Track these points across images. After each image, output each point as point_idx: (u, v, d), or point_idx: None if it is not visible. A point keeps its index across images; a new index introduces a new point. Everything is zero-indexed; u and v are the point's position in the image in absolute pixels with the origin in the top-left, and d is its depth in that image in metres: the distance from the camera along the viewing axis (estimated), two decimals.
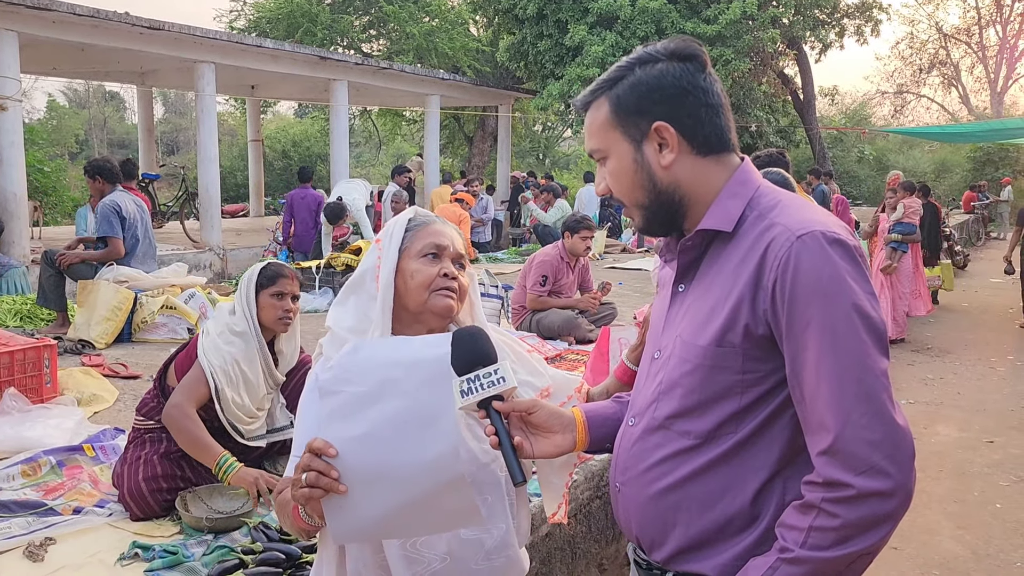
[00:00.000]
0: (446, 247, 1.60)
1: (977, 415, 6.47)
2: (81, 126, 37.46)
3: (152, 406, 3.00)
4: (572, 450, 1.51)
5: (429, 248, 1.58)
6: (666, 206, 1.38)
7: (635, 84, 1.36)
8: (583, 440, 1.51)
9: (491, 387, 1.41)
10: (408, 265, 1.57)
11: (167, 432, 2.94)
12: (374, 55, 20.34)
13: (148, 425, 2.98)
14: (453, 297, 1.57)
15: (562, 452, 1.49)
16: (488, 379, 1.41)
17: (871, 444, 1.17)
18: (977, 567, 3.96)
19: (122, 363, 5.10)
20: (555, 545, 3.14)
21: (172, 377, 2.98)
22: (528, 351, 1.68)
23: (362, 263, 1.63)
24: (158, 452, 2.90)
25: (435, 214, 1.69)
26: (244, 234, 14.45)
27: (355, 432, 1.21)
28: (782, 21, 16.66)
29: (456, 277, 1.58)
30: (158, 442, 2.94)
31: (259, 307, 2.94)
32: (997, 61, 38.96)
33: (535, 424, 1.47)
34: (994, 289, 13.30)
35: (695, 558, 1.34)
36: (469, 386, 1.41)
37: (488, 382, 1.41)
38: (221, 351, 2.89)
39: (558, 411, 1.50)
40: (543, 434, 1.48)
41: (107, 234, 5.94)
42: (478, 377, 1.41)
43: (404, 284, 1.57)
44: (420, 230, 1.61)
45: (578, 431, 1.51)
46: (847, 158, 29.63)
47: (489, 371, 1.42)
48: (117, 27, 10.73)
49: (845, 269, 1.22)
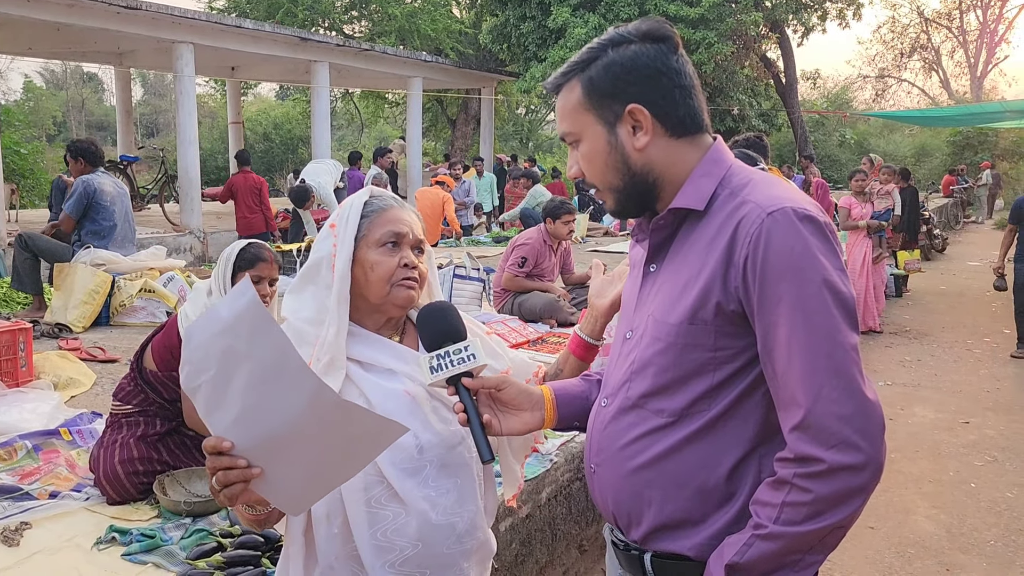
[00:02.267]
0: (405, 234, 1.54)
1: (953, 396, 6.55)
2: (59, 108, 36.95)
3: (129, 390, 2.97)
4: (540, 427, 1.51)
5: (388, 237, 1.53)
6: (640, 188, 1.37)
7: (608, 66, 1.34)
8: (551, 417, 1.52)
9: (461, 364, 1.40)
10: (367, 255, 1.52)
11: (145, 415, 2.93)
12: (356, 36, 20.16)
13: (125, 410, 2.96)
14: (415, 287, 1.54)
15: (530, 429, 1.50)
16: (458, 355, 1.41)
17: (841, 418, 1.18)
18: (951, 545, 4.02)
19: (99, 347, 5.06)
20: (535, 527, 3.15)
21: (149, 360, 2.94)
22: (488, 333, 1.66)
23: (315, 249, 1.56)
24: (135, 435, 2.88)
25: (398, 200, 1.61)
26: (224, 217, 14.32)
27: (232, 415, 1.15)
28: (765, 4, 16.67)
29: (417, 266, 1.54)
30: (135, 425, 2.93)
31: None
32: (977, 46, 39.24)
33: (504, 401, 1.47)
34: (971, 272, 13.43)
35: (672, 536, 1.35)
36: (439, 362, 1.40)
37: (458, 359, 1.40)
38: None
39: (527, 388, 1.50)
40: (512, 411, 1.48)
41: (64, 208, 5.97)
42: (448, 353, 1.41)
43: (364, 276, 1.52)
44: (377, 216, 1.54)
45: (547, 408, 1.51)
46: (828, 142, 29.78)
47: (459, 347, 1.42)
48: (93, 6, 10.55)
49: (815, 245, 1.22)
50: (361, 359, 1.52)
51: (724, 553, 1.26)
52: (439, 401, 1.53)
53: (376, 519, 1.46)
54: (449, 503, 1.49)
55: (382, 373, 1.51)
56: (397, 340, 1.59)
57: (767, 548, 1.21)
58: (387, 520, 1.46)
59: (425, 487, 1.48)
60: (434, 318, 1.47)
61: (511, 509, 2.96)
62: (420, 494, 1.47)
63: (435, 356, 1.41)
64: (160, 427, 2.93)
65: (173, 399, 2.93)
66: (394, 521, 1.46)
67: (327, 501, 1.45)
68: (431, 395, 1.52)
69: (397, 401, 1.48)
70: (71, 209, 5.90)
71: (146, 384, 2.92)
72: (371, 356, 1.52)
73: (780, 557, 1.22)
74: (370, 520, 1.46)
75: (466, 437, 1.52)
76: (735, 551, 1.24)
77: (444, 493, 1.49)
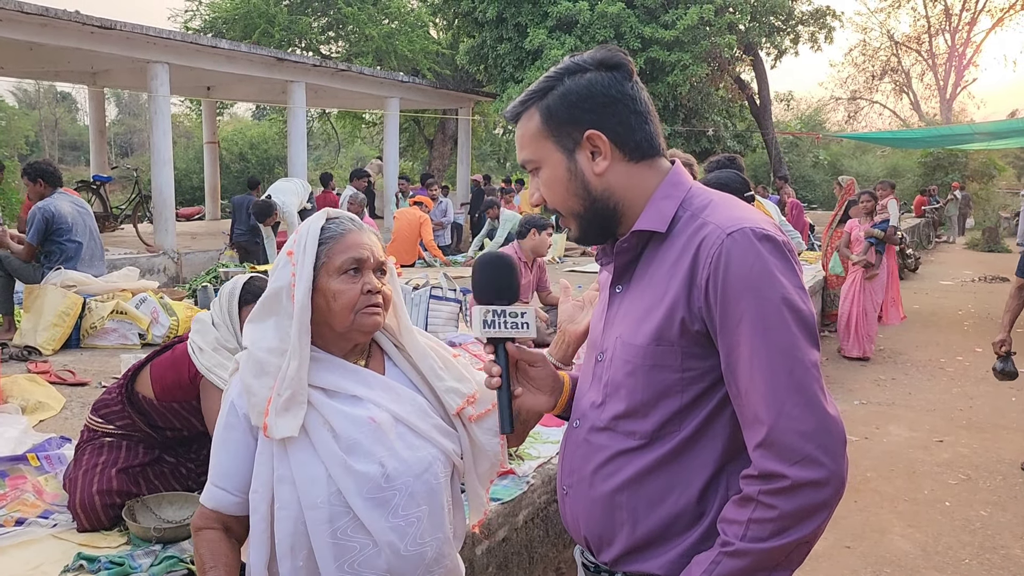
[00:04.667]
0: (366, 259, 1.51)
1: (927, 415, 6.60)
2: (32, 127, 36.57)
3: (115, 411, 2.85)
4: (548, 411, 1.52)
5: (349, 264, 1.50)
6: (601, 213, 1.39)
7: (565, 94, 1.36)
8: (563, 404, 1.53)
9: (514, 329, 1.39)
10: (328, 284, 1.49)
11: (128, 440, 2.85)
12: (333, 57, 20.18)
13: (107, 429, 2.87)
14: (379, 312, 1.51)
15: (542, 411, 1.51)
16: (514, 319, 1.39)
17: (803, 435, 1.20)
18: (927, 564, 4.04)
19: (69, 370, 4.98)
20: (512, 550, 3.12)
21: (146, 386, 2.82)
22: (455, 355, 1.65)
23: (275, 278, 1.51)
24: (116, 464, 2.79)
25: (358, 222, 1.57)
26: (199, 237, 14.23)
27: None
28: (738, 27, 16.89)
29: (380, 290, 1.52)
30: (116, 450, 2.84)
31: (243, 323, 2.82)
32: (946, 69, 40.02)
33: (532, 377, 1.48)
34: (943, 291, 13.61)
35: (642, 557, 1.36)
36: (495, 319, 1.39)
37: (513, 323, 1.39)
38: (226, 368, 2.72)
39: (555, 373, 1.52)
40: (533, 389, 1.49)
41: (27, 237, 5.92)
42: (505, 313, 1.39)
43: (326, 305, 1.49)
44: (336, 243, 1.51)
45: (563, 396, 1.53)
46: (802, 163, 30.16)
47: (517, 311, 1.40)
48: (67, 26, 10.48)
49: (774, 264, 1.24)
50: (326, 386, 1.50)
51: (692, 571, 1.27)
52: (405, 427, 1.50)
53: (343, 551, 1.43)
54: (418, 532, 1.47)
55: (347, 400, 1.49)
56: (363, 364, 1.56)
57: (734, 565, 1.23)
58: (354, 552, 1.43)
59: (395, 517, 1.45)
60: (494, 269, 1.44)
61: (488, 532, 2.94)
62: (388, 524, 1.44)
63: (492, 311, 1.39)
64: (143, 456, 2.85)
65: (164, 427, 2.84)
66: (361, 552, 1.44)
67: (291, 533, 1.43)
68: (397, 420, 1.49)
69: (361, 428, 1.45)
70: (32, 238, 5.86)
71: (136, 410, 2.82)
72: (335, 383, 1.50)
73: (747, 574, 1.23)
74: (336, 552, 1.43)
75: (432, 463, 1.50)
76: (703, 569, 1.25)
77: (414, 522, 1.47)
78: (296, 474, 1.44)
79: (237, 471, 1.51)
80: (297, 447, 1.45)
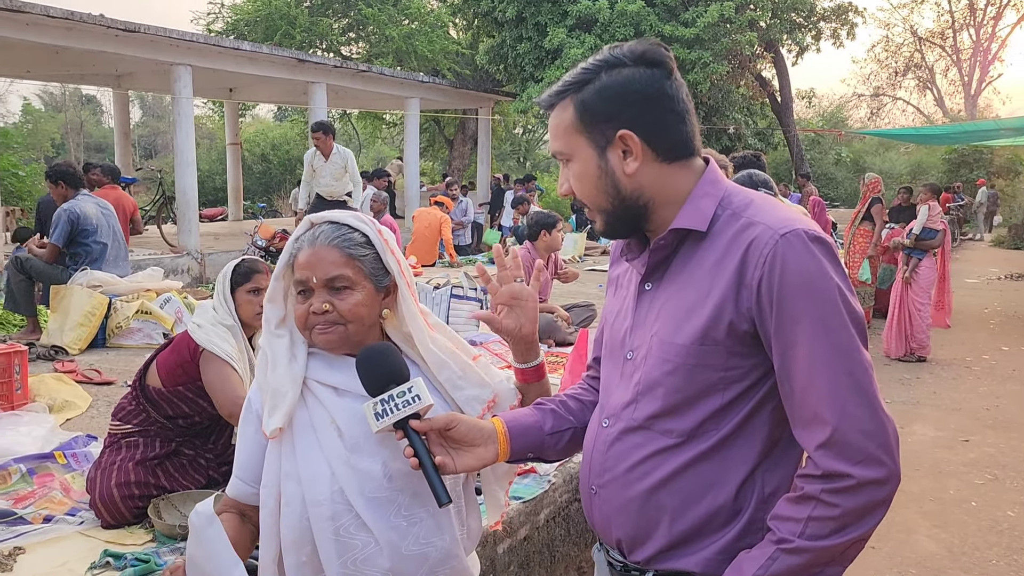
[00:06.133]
0: (307, 280, 1.49)
1: (953, 414, 6.53)
2: (57, 130, 37.04)
3: (130, 410, 2.95)
4: (494, 461, 1.48)
5: (297, 287, 1.51)
6: (630, 211, 1.37)
7: (601, 90, 1.34)
8: (504, 451, 1.49)
9: (406, 407, 1.37)
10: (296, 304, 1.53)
11: (144, 436, 2.91)
12: (353, 58, 20.26)
13: (125, 429, 2.94)
14: (328, 331, 1.49)
15: (484, 464, 1.47)
16: (402, 398, 1.37)
17: (866, 434, 1.21)
18: (953, 565, 3.99)
19: (95, 369, 5.04)
20: (534, 548, 3.12)
21: (154, 377, 2.92)
22: (475, 358, 1.63)
23: None
24: (133, 459, 2.86)
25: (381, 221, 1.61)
26: (222, 238, 14.34)
27: None
28: (759, 24, 16.77)
29: (326, 311, 1.48)
30: (134, 447, 2.90)
31: (237, 304, 2.92)
32: (971, 64, 39.50)
33: (455, 439, 1.44)
34: (969, 290, 13.44)
35: (677, 555, 1.35)
36: (383, 407, 1.37)
37: (403, 402, 1.37)
38: (225, 339, 2.86)
39: (477, 423, 1.47)
40: (465, 448, 1.45)
41: (51, 239, 5.97)
42: (391, 397, 1.37)
43: None
44: (295, 261, 1.52)
45: (499, 442, 1.48)
46: (824, 160, 29.90)
47: (403, 390, 1.38)
48: (92, 29, 10.60)
49: (828, 266, 1.25)
50: (336, 384, 1.51)
51: (744, 568, 1.27)
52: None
53: (345, 548, 1.44)
54: (422, 533, 1.47)
55: (355, 399, 1.49)
56: None
57: (792, 562, 1.23)
58: (356, 549, 1.44)
59: (397, 516, 1.45)
60: (372, 362, 1.42)
61: (509, 531, 2.94)
62: (389, 524, 1.45)
63: (379, 402, 1.38)
64: (160, 448, 2.90)
65: (175, 415, 2.91)
66: (363, 550, 1.44)
67: (295, 529, 1.45)
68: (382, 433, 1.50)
69: (366, 428, 1.45)
70: (57, 239, 5.90)
71: (148, 402, 2.90)
72: (345, 381, 1.50)
73: (803, 570, 1.24)
74: (339, 549, 1.44)
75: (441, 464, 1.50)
76: (758, 565, 1.25)
77: (417, 523, 1.47)
78: (301, 471, 1.46)
79: (251, 464, 1.55)
80: (304, 444, 1.48)
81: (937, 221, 8.42)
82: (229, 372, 2.79)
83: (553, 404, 1.60)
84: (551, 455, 1.58)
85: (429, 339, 1.57)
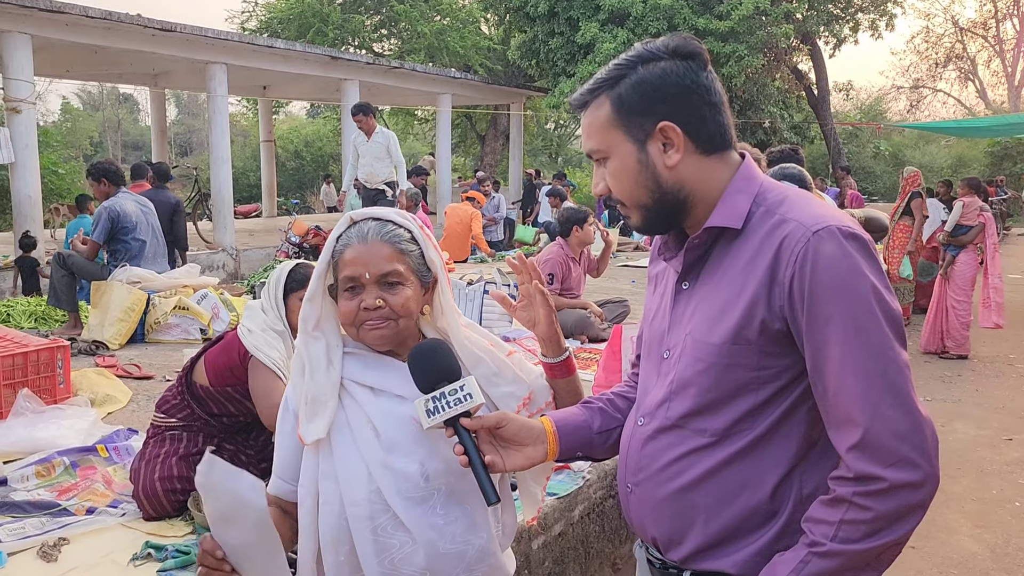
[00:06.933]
0: (359, 276, 1.49)
1: (996, 413, 6.40)
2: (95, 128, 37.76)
3: (175, 404, 2.98)
4: (544, 460, 1.48)
5: (345, 283, 1.50)
6: (670, 206, 1.36)
7: (638, 83, 1.33)
8: (554, 450, 1.49)
9: (457, 404, 1.37)
10: (339, 300, 1.52)
11: (188, 431, 2.94)
12: (385, 55, 20.37)
13: (169, 423, 2.98)
14: (380, 326, 1.49)
15: (534, 463, 1.47)
16: (454, 396, 1.37)
17: (899, 436, 1.18)
18: (995, 566, 3.91)
19: (135, 364, 5.12)
20: (568, 545, 3.12)
21: (201, 374, 2.94)
22: (509, 353, 1.63)
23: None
24: (177, 453, 2.89)
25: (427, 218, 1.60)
26: (257, 234, 14.51)
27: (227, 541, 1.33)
28: (795, 16, 16.57)
29: (379, 306, 1.48)
30: (178, 441, 2.94)
31: (288, 309, 2.91)
32: (1015, 54, 38.61)
33: (505, 438, 1.44)
34: (1012, 285, 13.15)
35: (714, 555, 1.34)
36: (435, 405, 1.37)
37: (454, 399, 1.37)
38: (273, 347, 2.87)
39: (527, 423, 1.47)
40: (514, 447, 1.45)
41: (89, 235, 6.12)
42: (443, 395, 1.37)
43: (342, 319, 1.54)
44: (339, 260, 1.52)
45: (549, 442, 1.48)
46: (862, 154, 29.45)
47: (455, 388, 1.38)
48: (129, 29, 10.78)
49: (863, 263, 1.22)
50: (373, 384, 1.51)
51: (777, 571, 1.25)
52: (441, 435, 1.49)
53: (383, 547, 1.44)
54: (459, 531, 1.47)
55: (392, 399, 1.49)
56: None
57: (824, 565, 1.21)
58: (394, 548, 1.44)
59: (433, 515, 1.45)
60: (425, 358, 1.42)
61: (544, 526, 2.94)
62: (427, 523, 1.45)
63: (430, 399, 1.38)
64: (202, 444, 2.94)
65: (220, 414, 2.94)
66: (401, 550, 1.44)
67: (334, 528, 1.46)
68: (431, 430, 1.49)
69: (403, 428, 1.46)
70: (98, 236, 6.02)
71: (193, 398, 2.93)
72: (382, 381, 1.51)
73: (836, 574, 1.21)
74: (377, 549, 1.44)
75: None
76: (790, 568, 1.23)
77: (453, 521, 1.47)
78: (339, 471, 1.46)
79: (289, 462, 1.56)
80: (341, 444, 1.48)
81: (971, 217, 8.25)
82: (274, 382, 2.80)
83: (601, 402, 1.59)
84: (600, 453, 1.57)
85: (464, 335, 1.57)
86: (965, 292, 8.25)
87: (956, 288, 8.26)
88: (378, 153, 8.80)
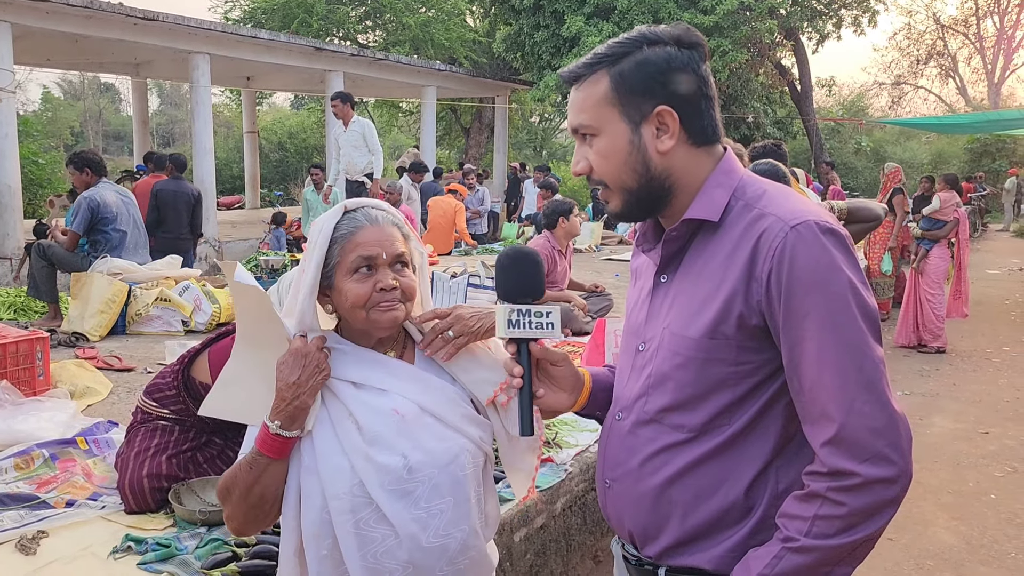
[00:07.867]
0: (376, 256, 1.47)
1: (972, 406, 6.48)
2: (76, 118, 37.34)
3: (169, 395, 2.88)
4: (568, 410, 1.50)
5: (359, 263, 1.47)
6: (654, 192, 1.35)
7: (643, 63, 1.31)
8: (583, 402, 1.51)
9: (539, 329, 1.36)
10: (341, 284, 1.48)
11: (181, 425, 2.89)
12: (370, 46, 20.27)
13: (161, 413, 2.91)
14: (396, 307, 1.48)
15: (559, 411, 1.50)
16: (539, 319, 1.36)
17: (874, 432, 1.18)
18: (971, 557, 3.97)
19: (116, 356, 5.08)
20: (550, 537, 3.13)
21: (203, 371, 2.85)
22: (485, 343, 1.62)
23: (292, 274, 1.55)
24: (167, 451, 2.84)
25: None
26: (240, 226, 14.43)
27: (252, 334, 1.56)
28: (779, 12, 16.62)
29: (395, 287, 1.48)
30: (169, 434, 2.88)
31: None
32: (995, 52, 38.94)
33: (553, 377, 1.46)
34: (990, 280, 13.31)
35: (689, 551, 1.34)
36: (519, 319, 1.35)
37: (538, 323, 1.36)
38: None
39: (576, 372, 1.50)
40: (554, 390, 1.47)
41: (69, 226, 6.07)
42: (530, 312, 1.36)
43: (341, 304, 1.50)
44: (347, 241, 1.49)
45: (583, 394, 1.50)
46: (844, 149, 29.61)
47: (541, 311, 1.37)
48: (111, 18, 10.67)
49: (840, 258, 1.22)
50: (354, 379, 1.50)
51: (751, 567, 1.25)
52: (433, 417, 1.49)
53: (365, 541, 1.44)
54: (441, 524, 1.47)
55: (373, 392, 1.49)
56: (395, 355, 1.56)
57: (798, 561, 1.21)
58: (376, 542, 1.44)
59: (416, 508, 1.45)
60: (522, 265, 1.40)
61: (526, 519, 2.95)
62: (410, 516, 1.44)
63: (517, 311, 1.35)
64: (193, 440, 2.89)
65: None
66: (383, 543, 1.44)
67: (316, 523, 1.45)
68: (423, 411, 1.49)
69: (384, 420, 1.46)
70: (77, 227, 5.97)
71: (190, 395, 2.85)
72: (363, 375, 1.50)
73: (810, 570, 1.21)
74: (360, 543, 1.44)
75: (460, 454, 1.49)
76: (764, 564, 1.23)
77: (436, 514, 1.46)
78: (320, 465, 1.46)
79: None
80: (322, 439, 1.47)
81: (948, 212, 8.41)
82: None
83: None
84: None
85: None
86: (939, 285, 8.43)
87: (929, 282, 8.42)
88: (355, 141, 8.82)
